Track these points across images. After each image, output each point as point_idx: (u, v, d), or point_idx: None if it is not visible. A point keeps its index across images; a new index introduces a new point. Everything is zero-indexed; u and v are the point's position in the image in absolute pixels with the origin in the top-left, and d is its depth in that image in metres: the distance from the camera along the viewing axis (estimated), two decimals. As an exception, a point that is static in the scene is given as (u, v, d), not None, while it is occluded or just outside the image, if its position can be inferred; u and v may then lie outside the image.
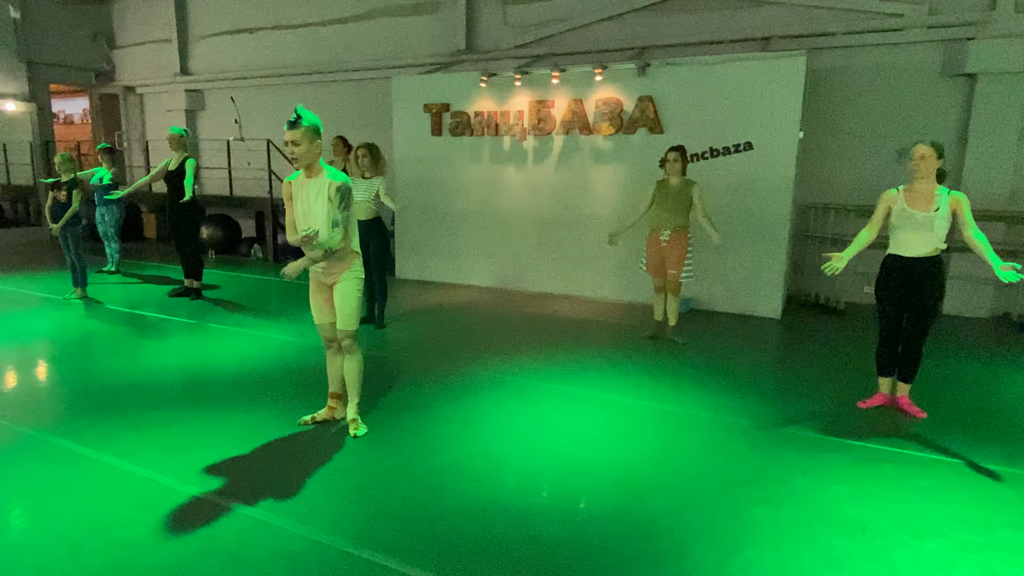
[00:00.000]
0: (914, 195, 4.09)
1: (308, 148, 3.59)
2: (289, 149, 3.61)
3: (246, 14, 11.80)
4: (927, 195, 4.06)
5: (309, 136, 3.57)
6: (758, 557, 2.74)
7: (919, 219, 4.04)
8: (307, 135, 3.56)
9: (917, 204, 4.07)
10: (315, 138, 3.60)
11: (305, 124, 3.53)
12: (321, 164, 3.70)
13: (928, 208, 4.03)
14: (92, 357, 5.44)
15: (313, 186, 3.67)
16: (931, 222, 4.02)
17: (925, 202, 4.05)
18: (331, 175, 3.66)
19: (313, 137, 3.59)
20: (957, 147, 7.19)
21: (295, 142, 3.56)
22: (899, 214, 4.13)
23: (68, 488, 3.26)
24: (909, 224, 4.09)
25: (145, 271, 9.42)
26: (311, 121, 3.55)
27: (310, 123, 3.54)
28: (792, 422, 4.18)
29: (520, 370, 5.16)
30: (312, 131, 3.56)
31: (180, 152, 7.29)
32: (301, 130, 3.53)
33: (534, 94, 7.92)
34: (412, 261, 9.15)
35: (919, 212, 4.04)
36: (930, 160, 4.03)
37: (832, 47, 7.59)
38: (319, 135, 3.62)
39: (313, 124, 3.55)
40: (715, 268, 7.27)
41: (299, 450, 3.71)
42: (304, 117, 3.54)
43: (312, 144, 3.60)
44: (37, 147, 12.92)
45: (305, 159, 3.62)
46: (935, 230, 4.03)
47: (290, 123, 3.53)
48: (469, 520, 3.00)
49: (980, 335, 6.52)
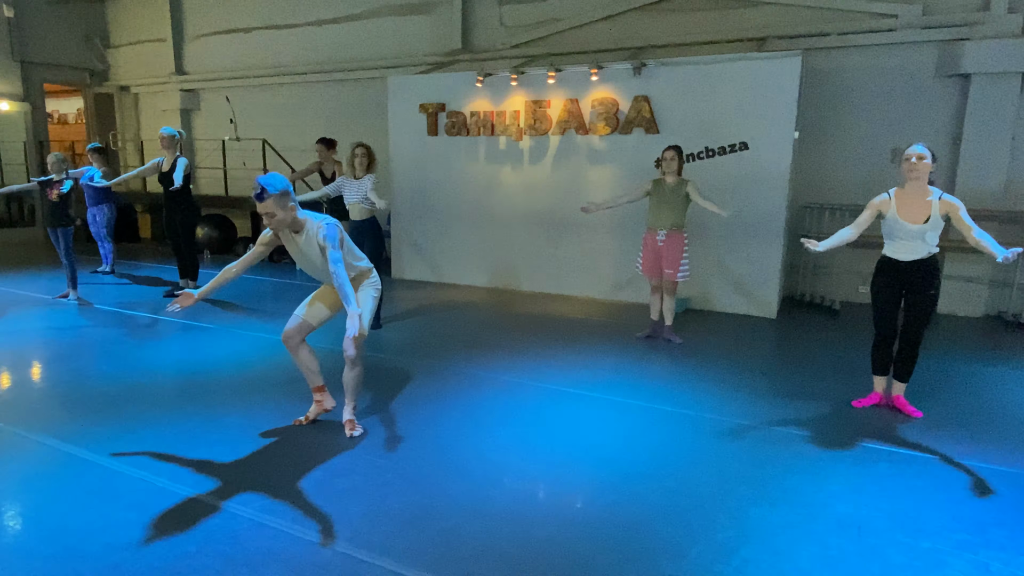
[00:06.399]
0: (906, 203, 4.07)
1: (284, 213, 3.52)
2: (265, 220, 3.55)
3: (241, 14, 11.77)
4: (920, 203, 4.03)
5: (280, 202, 3.48)
6: (754, 556, 2.75)
7: (910, 231, 4.05)
8: (278, 203, 3.47)
9: (909, 214, 4.05)
10: (287, 200, 3.51)
11: (272, 192, 3.44)
12: (302, 216, 3.62)
13: (919, 219, 4.02)
14: (86, 358, 5.42)
15: (301, 239, 3.67)
16: (922, 234, 4.03)
17: (917, 211, 4.03)
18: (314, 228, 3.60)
19: (285, 201, 3.50)
20: (951, 147, 7.22)
21: (269, 213, 3.49)
22: (890, 223, 4.13)
23: (62, 490, 3.25)
24: (900, 234, 4.10)
25: (140, 271, 9.39)
26: (276, 187, 3.45)
27: (276, 189, 3.45)
28: (788, 421, 4.19)
29: (516, 370, 5.16)
30: (281, 196, 3.47)
31: (172, 152, 7.27)
32: (270, 201, 3.45)
33: (530, 94, 7.92)
34: (408, 261, 9.14)
35: (910, 224, 4.04)
36: (925, 163, 4.01)
37: (827, 48, 7.60)
38: (289, 194, 3.52)
39: (279, 189, 3.46)
40: (711, 268, 7.28)
41: (294, 450, 3.70)
42: (267, 186, 3.44)
43: (287, 208, 3.52)
44: (31, 147, 12.86)
45: (284, 223, 3.57)
46: (926, 240, 4.05)
47: (256, 197, 3.44)
48: (465, 520, 3.00)
49: (974, 334, 6.55)
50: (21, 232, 12.86)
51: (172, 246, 7.65)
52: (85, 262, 9.10)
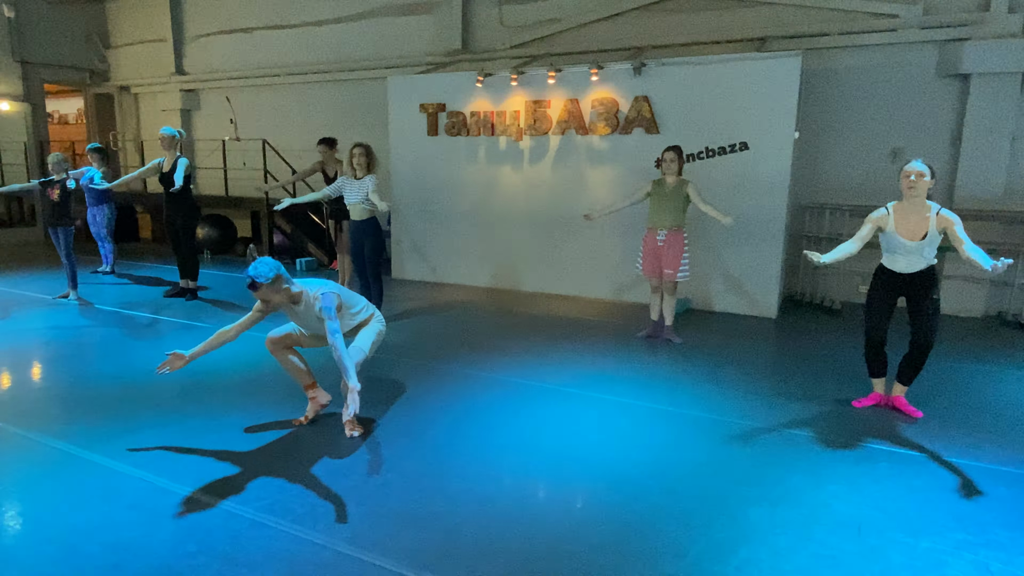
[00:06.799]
0: (904, 219, 4.05)
1: (280, 295, 3.54)
2: (262, 306, 3.60)
3: (241, 14, 11.77)
4: (918, 220, 4.01)
5: (274, 287, 3.50)
6: (754, 556, 2.75)
7: (908, 247, 4.05)
8: (271, 288, 3.49)
9: (907, 231, 4.04)
10: (280, 283, 3.51)
11: (263, 282, 3.44)
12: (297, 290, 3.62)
13: (917, 236, 4.02)
14: (86, 358, 5.42)
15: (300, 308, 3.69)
16: (920, 250, 4.04)
17: (915, 228, 4.02)
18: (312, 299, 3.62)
19: (278, 285, 3.50)
20: (951, 147, 7.22)
21: (264, 300, 3.53)
22: (889, 238, 4.13)
23: (62, 490, 3.25)
24: (898, 249, 4.10)
25: (140, 272, 9.38)
26: (267, 276, 3.44)
27: (267, 279, 3.44)
28: (788, 421, 4.19)
29: (516, 370, 5.16)
30: (273, 282, 3.48)
31: (173, 152, 7.27)
32: (263, 289, 3.46)
33: (530, 94, 7.91)
34: (408, 261, 9.14)
35: (908, 242, 4.04)
36: (925, 180, 3.97)
37: (827, 47, 7.61)
38: (281, 277, 3.52)
39: (271, 277, 3.46)
40: (711, 268, 7.28)
41: (294, 450, 3.70)
42: (257, 274, 3.42)
43: (281, 291, 3.53)
44: (31, 147, 12.85)
45: (281, 304, 3.61)
46: (924, 255, 4.06)
47: (249, 287, 3.45)
48: (466, 520, 3.00)
49: (974, 334, 6.55)
50: (21, 232, 12.86)
51: (172, 246, 7.64)
52: (85, 262, 9.10)
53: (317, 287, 3.70)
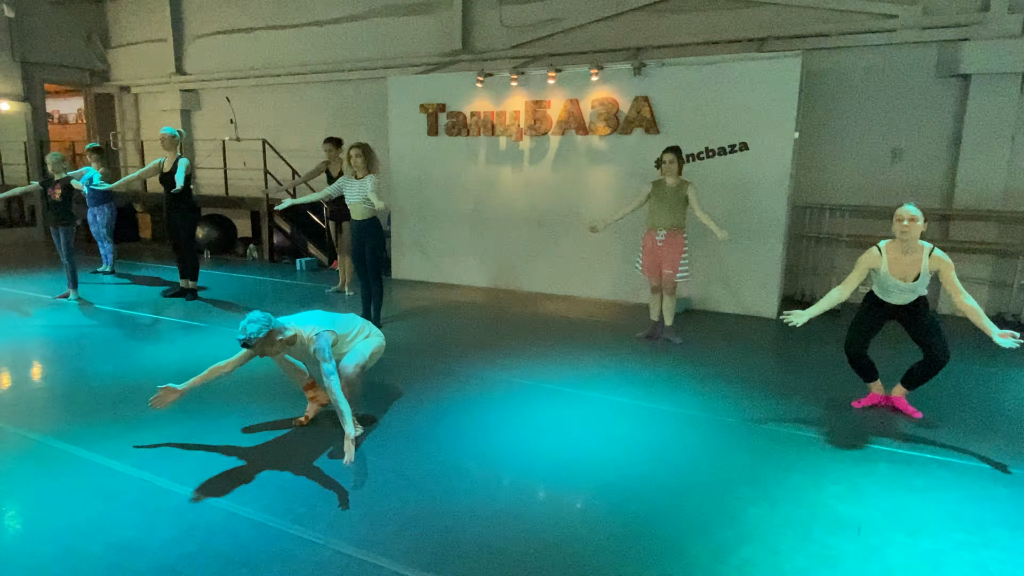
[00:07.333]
0: (897, 261, 4.04)
1: (275, 345, 3.57)
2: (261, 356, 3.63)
3: (241, 14, 11.76)
4: (911, 260, 4.01)
5: (268, 341, 3.52)
6: (754, 556, 2.75)
7: (901, 287, 4.07)
8: (265, 342, 3.51)
9: (899, 272, 4.04)
10: (274, 336, 3.53)
11: (257, 337, 3.45)
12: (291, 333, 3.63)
13: (909, 277, 4.03)
14: (86, 358, 5.42)
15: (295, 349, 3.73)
16: (913, 288, 4.05)
17: (908, 269, 4.02)
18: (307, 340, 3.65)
19: (273, 336, 3.52)
20: (951, 147, 7.22)
21: (262, 353, 3.56)
22: (881, 278, 4.14)
23: (62, 490, 3.25)
24: (890, 288, 4.12)
25: (140, 272, 9.39)
26: (260, 332, 3.46)
27: (259, 333, 3.46)
28: (788, 421, 4.19)
29: (516, 370, 5.16)
30: (267, 335, 3.49)
31: (173, 152, 7.27)
32: (259, 343, 3.48)
33: (530, 94, 7.91)
34: (408, 261, 9.14)
35: (901, 282, 4.05)
36: (917, 224, 3.93)
37: (827, 48, 7.60)
38: (274, 331, 3.53)
39: (264, 334, 3.47)
40: (711, 268, 7.28)
41: (295, 451, 3.70)
42: (249, 332, 3.43)
43: (276, 342, 3.55)
44: (32, 147, 12.86)
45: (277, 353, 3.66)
46: (916, 291, 4.08)
47: (243, 344, 3.47)
48: (466, 520, 3.00)
49: (974, 335, 6.51)
50: (21, 232, 12.86)
51: (172, 246, 7.64)
52: (85, 262, 9.10)
53: (311, 327, 3.69)
